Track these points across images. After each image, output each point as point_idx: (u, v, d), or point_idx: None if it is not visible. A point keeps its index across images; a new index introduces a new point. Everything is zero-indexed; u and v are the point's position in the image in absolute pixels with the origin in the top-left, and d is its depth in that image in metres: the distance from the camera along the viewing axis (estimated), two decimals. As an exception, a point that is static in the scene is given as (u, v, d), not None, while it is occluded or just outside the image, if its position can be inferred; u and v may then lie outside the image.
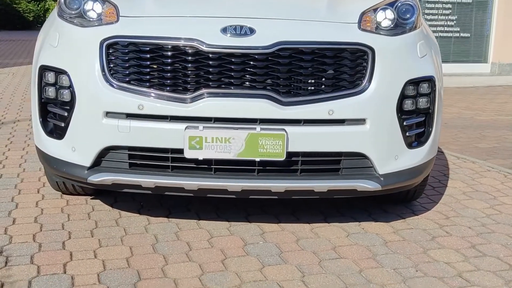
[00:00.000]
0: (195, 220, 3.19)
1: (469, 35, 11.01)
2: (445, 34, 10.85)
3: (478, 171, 4.36)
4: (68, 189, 3.38)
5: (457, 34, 10.93)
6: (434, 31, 10.71)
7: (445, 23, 10.80)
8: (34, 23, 27.53)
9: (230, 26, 2.68)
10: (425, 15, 10.69)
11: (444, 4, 10.73)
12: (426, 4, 10.66)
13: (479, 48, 11.13)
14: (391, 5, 2.95)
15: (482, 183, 4.05)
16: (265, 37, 2.66)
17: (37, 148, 3.07)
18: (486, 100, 8.04)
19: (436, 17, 10.74)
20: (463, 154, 4.89)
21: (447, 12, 10.79)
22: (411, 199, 3.49)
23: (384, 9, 2.91)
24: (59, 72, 2.84)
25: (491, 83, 10.01)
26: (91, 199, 3.47)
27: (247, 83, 2.69)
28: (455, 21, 10.86)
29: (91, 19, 2.84)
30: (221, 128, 2.65)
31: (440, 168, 4.36)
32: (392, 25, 2.90)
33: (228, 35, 2.66)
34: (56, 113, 2.90)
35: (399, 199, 3.45)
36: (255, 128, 2.65)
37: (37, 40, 3.17)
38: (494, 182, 4.09)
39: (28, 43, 16.95)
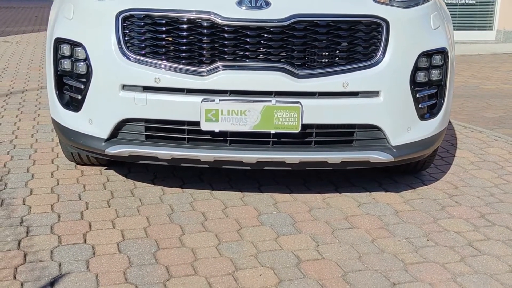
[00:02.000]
0: (209, 191, 3.24)
1: (474, 2, 10.92)
2: (450, 1, 10.75)
3: (485, 140, 4.40)
4: (83, 159, 3.43)
5: (463, 1, 10.84)
6: (439, -2, 10.61)
7: (451, -10, 10.70)
8: (34, -11, 27.18)
9: (246, -2, 2.68)
10: (431, -18, 10.57)
11: (450, -29, 10.61)
12: (432, -30, 10.52)
13: (485, 16, 11.05)
14: (404, -24, 2.94)
15: (489, 153, 4.10)
16: (280, 10, 2.67)
17: (53, 120, 3.11)
18: (491, 69, 8.03)
19: (441, -17, 10.62)
20: (470, 123, 4.92)
21: (453, -22, 10.68)
22: (420, 169, 3.54)
23: (398, -19, 2.91)
24: (74, 44, 2.86)
25: (496, 50, 9.97)
26: (105, 169, 3.52)
27: (262, 56, 2.71)
28: (460, -12, 10.76)
29: (106, -8, 2.84)
30: (237, 101, 2.68)
31: (448, 138, 4.40)
32: (405, -3, 2.90)
33: (244, 7, 2.67)
34: (72, 86, 2.93)
35: (409, 169, 3.50)
36: (270, 101, 2.68)
37: (51, 11, 3.18)
38: (501, 151, 4.14)
39: (29, 10, 16.81)
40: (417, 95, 2.90)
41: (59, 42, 2.92)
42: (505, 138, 4.47)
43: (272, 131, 2.74)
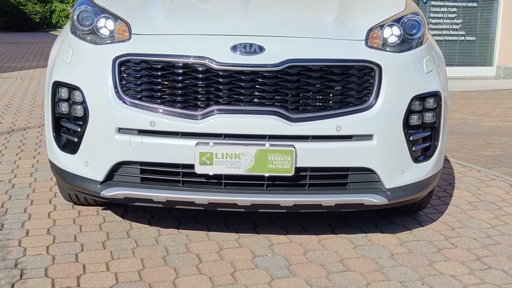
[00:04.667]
0: (205, 232, 3.25)
1: (474, 38, 11.04)
2: (450, 38, 10.88)
3: (483, 180, 4.41)
4: (80, 200, 3.45)
5: (462, 38, 10.96)
6: (439, 35, 10.76)
7: (451, 27, 10.83)
8: (41, 25, 27.63)
9: (240, 44, 2.73)
10: (431, 19, 10.73)
11: (449, 8, 10.77)
12: (432, 8, 10.69)
13: (484, 52, 11.16)
14: (397, 21, 3.00)
15: (487, 193, 4.10)
16: (274, 55, 2.72)
17: (50, 161, 3.14)
18: (491, 105, 8.07)
19: (441, 20, 10.77)
20: (468, 162, 4.93)
21: (452, 15, 10.82)
22: (417, 209, 3.54)
23: (390, 25, 2.97)
24: (72, 88, 2.91)
25: (497, 86, 10.04)
26: (102, 209, 3.54)
27: (257, 99, 2.75)
28: (460, 25, 10.90)
29: (104, 36, 2.90)
30: (231, 144, 2.71)
31: (446, 176, 4.41)
32: (398, 41, 2.95)
33: (238, 53, 2.72)
34: (69, 128, 2.97)
35: (405, 210, 3.50)
36: (264, 144, 2.70)
37: (50, 55, 3.24)
38: (499, 191, 4.14)
39: (35, 46, 17.05)
40: (411, 138, 2.92)
41: (57, 85, 2.97)
42: (503, 177, 4.48)
43: (266, 174, 2.76)
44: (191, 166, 2.76)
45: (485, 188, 4.19)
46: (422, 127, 2.98)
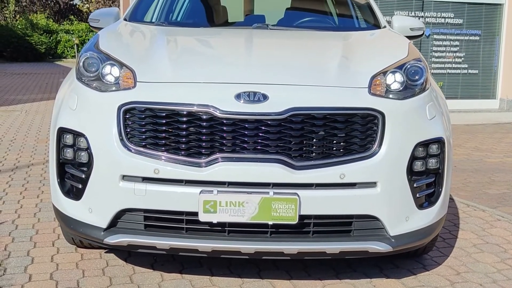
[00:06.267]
0: (208, 276, 3.23)
1: (477, 71, 11.10)
2: (453, 71, 10.94)
3: (488, 220, 4.38)
4: (83, 243, 3.44)
5: (465, 71, 11.02)
6: (442, 68, 10.82)
7: (453, 60, 10.90)
8: (46, 55, 27.92)
9: (244, 92, 2.75)
10: (433, 52, 10.80)
11: (451, 41, 10.85)
12: (434, 41, 10.78)
13: (487, 84, 11.21)
14: (400, 67, 3.02)
15: (492, 234, 4.07)
16: (277, 103, 2.73)
17: (54, 206, 3.14)
18: (494, 140, 8.07)
19: (444, 54, 10.85)
20: (473, 201, 4.91)
21: (455, 49, 10.90)
22: (422, 253, 3.52)
23: (393, 72, 2.99)
24: (77, 134, 2.92)
25: (500, 120, 10.05)
26: (105, 252, 3.52)
27: (260, 147, 2.75)
28: (463, 58, 10.97)
29: (109, 83, 2.93)
30: (235, 193, 2.71)
31: (450, 217, 4.39)
32: (401, 88, 2.97)
33: (242, 101, 2.73)
34: (73, 174, 2.97)
35: (410, 254, 3.47)
36: (268, 193, 2.70)
37: (56, 100, 3.26)
38: (504, 232, 4.11)
39: (40, 77, 17.21)
40: (415, 185, 2.91)
41: (62, 131, 2.98)
42: (508, 217, 4.45)
43: (270, 222, 2.75)
44: (195, 214, 2.75)
45: (490, 230, 4.17)
46: (426, 173, 2.98)
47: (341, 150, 2.80)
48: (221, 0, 5.13)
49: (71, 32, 29.38)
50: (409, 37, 4.13)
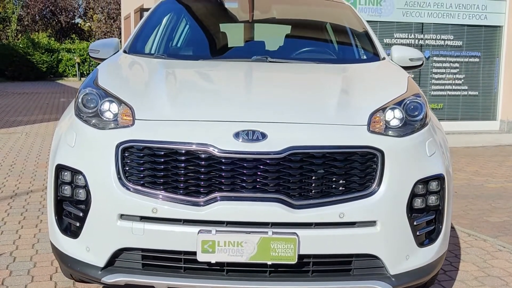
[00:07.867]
0: (207, 313, 3.19)
1: (477, 93, 11.13)
2: (453, 93, 10.96)
3: (489, 251, 4.35)
4: (81, 278, 3.40)
5: (465, 92, 11.04)
6: (442, 90, 10.85)
7: (453, 82, 10.93)
8: (47, 74, 28.04)
9: (243, 131, 2.74)
10: (433, 74, 10.83)
11: (451, 63, 10.88)
12: (434, 63, 10.81)
13: (488, 106, 11.22)
14: (399, 104, 3.02)
15: (494, 266, 4.04)
16: (276, 142, 2.72)
17: (51, 244, 3.11)
18: (495, 163, 8.05)
19: (444, 75, 10.87)
20: (474, 230, 4.88)
21: (455, 70, 10.94)
22: (423, 288, 3.48)
23: (392, 108, 2.98)
24: (75, 172, 2.91)
25: (501, 141, 10.04)
26: (103, 287, 3.49)
27: (259, 186, 2.73)
28: (463, 79, 11.00)
29: (108, 120, 2.92)
30: (233, 232, 2.69)
31: (452, 247, 4.36)
32: (400, 124, 2.95)
33: (241, 140, 2.72)
34: (71, 212, 2.95)
35: (411, 289, 3.44)
36: (267, 232, 2.68)
37: (54, 135, 3.24)
38: (505, 264, 4.08)
39: (41, 96, 17.24)
40: (415, 223, 2.89)
41: (60, 168, 2.97)
42: (509, 247, 4.43)
43: (269, 262, 2.73)
44: (193, 253, 2.73)
45: (491, 261, 4.14)
46: (426, 211, 2.96)
47: (340, 189, 2.78)
48: (220, 27, 5.14)
49: (73, 50, 29.53)
50: (409, 68, 4.14)
